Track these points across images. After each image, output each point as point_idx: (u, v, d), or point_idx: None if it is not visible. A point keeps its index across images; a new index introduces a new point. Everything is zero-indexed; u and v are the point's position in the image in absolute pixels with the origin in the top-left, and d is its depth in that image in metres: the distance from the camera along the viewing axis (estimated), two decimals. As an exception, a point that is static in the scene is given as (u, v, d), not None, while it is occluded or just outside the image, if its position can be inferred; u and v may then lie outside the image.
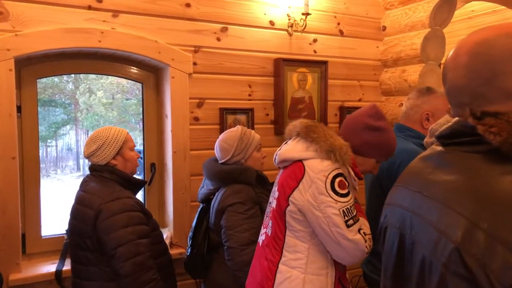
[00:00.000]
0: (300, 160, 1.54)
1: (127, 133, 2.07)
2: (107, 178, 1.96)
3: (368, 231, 1.55)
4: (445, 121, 1.33)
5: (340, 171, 1.50)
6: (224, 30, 2.71)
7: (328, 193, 1.46)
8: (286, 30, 2.90)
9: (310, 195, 1.49)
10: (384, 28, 3.25)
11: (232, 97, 2.77)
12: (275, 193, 1.65)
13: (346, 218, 1.47)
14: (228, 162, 2.14)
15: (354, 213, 1.49)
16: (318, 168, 1.49)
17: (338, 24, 3.11)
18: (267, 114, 2.90)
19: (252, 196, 2.05)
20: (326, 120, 3.02)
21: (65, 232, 2.26)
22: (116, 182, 1.96)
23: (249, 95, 2.82)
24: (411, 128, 1.91)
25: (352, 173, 1.56)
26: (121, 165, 2.01)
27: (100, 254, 1.85)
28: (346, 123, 1.69)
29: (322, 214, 1.47)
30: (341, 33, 3.12)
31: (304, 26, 2.82)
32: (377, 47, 3.27)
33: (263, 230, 1.71)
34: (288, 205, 1.55)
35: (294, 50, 2.94)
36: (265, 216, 1.75)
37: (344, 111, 3.13)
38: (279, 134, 2.89)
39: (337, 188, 1.47)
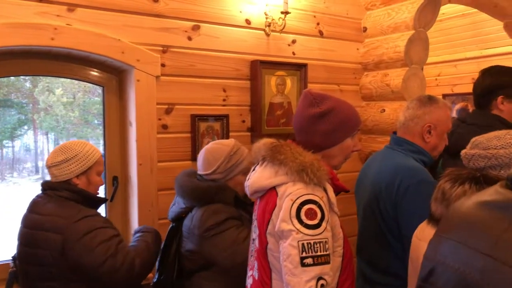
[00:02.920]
0: (274, 187, 1.34)
1: (101, 156, 1.89)
2: (66, 197, 1.75)
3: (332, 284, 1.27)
4: (494, 137, 1.16)
5: (312, 197, 1.26)
6: (196, 28, 2.46)
7: (290, 220, 1.24)
8: (263, 30, 2.67)
9: (278, 222, 1.28)
10: (365, 29, 3.08)
11: (204, 102, 2.52)
12: (256, 229, 1.43)
13: (304, 254, 1.20)
14: (206, 176, 1.89)
15: (321, 253, 1.20)
16: (287, 192, 1.29)
17: (318, 24, 2.91)
18: (244, 121, 2.66)
19: (233, 214, 1.83)
20: (305, 127, 2.81)
21: (11, 259, 1.96)
22: (76, 202, 1.76)
23: (224, 100, 2.58)
24: (410, 142, 1.73)
25: (331, 194, 1.34)
26: (83, 187, 1.81)
27: (69, 281, 1.67)
28: (295, 126, 1.49)
29: (281, 244, 1.25)
30: (321, 33, 2.93)
31: (283, 25, 2.61)
32: (358, 49, 3.10)
33: (249, 272, 1.48)
34: (267, 242, 1.33)
35: (272, 51, 2.72)
36: (249, 256, 1.51)
37: (324, 117, 2.94)
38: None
39: (302, 217, 1.23)
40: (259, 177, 1.40)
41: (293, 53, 2.81)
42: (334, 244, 1.31)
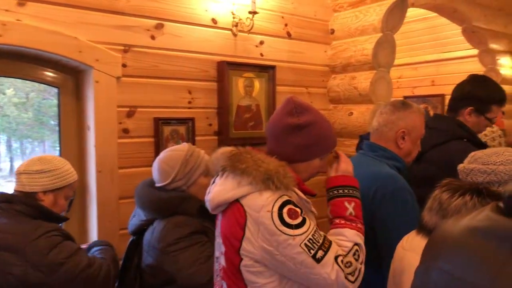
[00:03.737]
0: (237, 200, 1.24)
1: (77, 180, 1.80)
2: (22, 212, 1.59)
3: (348, 257, 1.23)
4: (493, 153, 1.13)
5: (285, 198, 1.21)
6: (160, 27, 2.33)
7: (280, 230, 1.17)
8: (231, 30, 2.58)
9: (262, 240, 1.19)
10: (333, 31, 3.05)
11: (169, 104, 2.39)
12: (220, 246, 1.33)
13: (313, 251, 1.18)
14: (166, 187, 1.77)
15: (321, 240, 1.20)
16: (259, 204, 1.20)
17: (286, 25, 2.85)
18: (210, 124, 2.56)
19: (197, 228, 1.72)
20: (274, 130, 2.74)
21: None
22: (32, 217, 1.60)
23: (189, 102, 2.47)
24: (384, 148, 1.69)
25: (301, 194, 1.28)
26: (46, 205, 1.66)
27: None
28: (268, 131, 1.40)
29: (285, 257, 1.18)
30: (289, 35, 2.86)
31: (251, 26, 2.52)
32: (325, 51, 3.06)
33: None
34: (241, 259, 1.23)
35: (239, 52, 2.63)
36: (214, 276, 1.41)
37: (292, 120, 2.88)
38: (224, 146, 2.56)
39: (288, 220, 1.18)
40: (220, 190, 1.29)
41: (261, 55, 2.73)
42: None
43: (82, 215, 2.31)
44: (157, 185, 1.80)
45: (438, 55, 5.94)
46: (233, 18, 2.54)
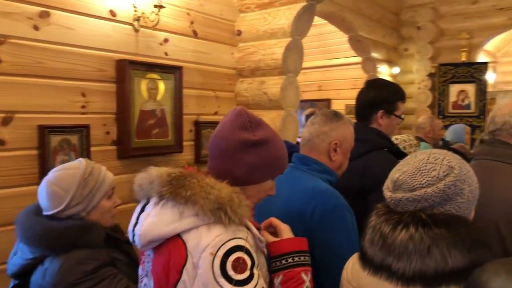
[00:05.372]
0: (179, 235, 1.01)
1: None
2: None
3: None
4: (416, 171, 1.00)
5: (238, 242, 0.99)
6: (45, 15, 1.92)
7: (216, 281, 0.95)
8: (132, 25, 2.26)
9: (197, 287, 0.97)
10: (239, 32, 2.91)
11: (57, 109, 2.00)
12: None
13: None
14: (58, 215, 1.43)
15: None
16: (204, 243, 0.98)
17: (192, 23, 2.61)
18: (108, 132, 2.20)
19: (105, 260, 1.41)
20: (181, 138, 2.49)
21: None
22: None
23: (83, 107, 2.09)
24: (317, 161, 1.57)
25: (255, 231, 1.09)
26: None
27: None
28: (216, 147, 1.17)
29: None
30: (195, 34, 2.64)
31: (156, 21, 2.24)
32: (232, 53, 2.90)
33: None
34: None
35: (142, 50, 2.32)
36: None
37: (199, 126, 2.66)
38: (125, 157, 2.24)
39: (230, 272, 0.96)
40: (155, 222, 1.03)
41: (166, 54, 2.45)
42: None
43: None
44: (47, 213, 1.44)
45: (325, 61, 6.24)
46: (135, 11, 2.23)
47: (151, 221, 1.04)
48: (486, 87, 4.78)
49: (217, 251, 0.96)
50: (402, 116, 2.12)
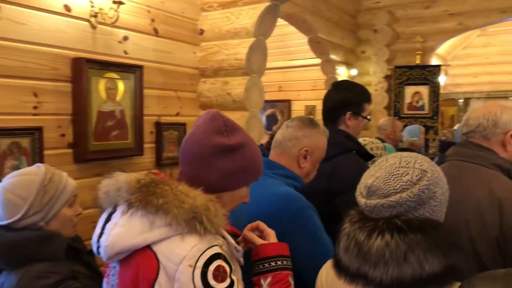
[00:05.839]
0: (149, 246, 0.95)
1: None
2: None
3: None
4: (389, 175, 0.98)
5: (215, 250, 0.95)
6: (-8, 8, 1.77)
7: None
8: (88, 21, 2.13)
9: None
10: (202, 31, 2.84)
11: (5, 110, 1.86)
12: None
13: None
14: (14, 225, 1.33)
15: None
16: (179, 254, 0.93)
17: (153, 21, 2.51)
18: (63, 135, 2.07)
19: (66, 273, 1.33)
20: (141, 140, 2.39)
21: None
22: None
23: (35, 107, 1.95)
24: (282, 166, 1.54)
25: (231, 240, 1.04)
26: None
27: None
28: (188, 151, 1.10)
29: None
30: (156, 32, 2.54)
31: (115, 18, 2.13)
32: (194, 52, 2.83)
33: None
34: None
35: (99, 48, 2.20)
36: None
37: (161, 128, 2.57)
38: (82, 161, 2.11)
39: (212, 282, 0.92)
40: (123, 232, 0.96)
41: (125, 52, 2.35)
42: None
43: None
44: (1, 223, 1.34)
45: (285, 62, 6.27)
46: (92, 7, 2.11)
47: (118, 232, 0.96)
48: (439, 89, 4.98)
49: (196, 262, 0.91)
50: (369, 117, 2.14)
